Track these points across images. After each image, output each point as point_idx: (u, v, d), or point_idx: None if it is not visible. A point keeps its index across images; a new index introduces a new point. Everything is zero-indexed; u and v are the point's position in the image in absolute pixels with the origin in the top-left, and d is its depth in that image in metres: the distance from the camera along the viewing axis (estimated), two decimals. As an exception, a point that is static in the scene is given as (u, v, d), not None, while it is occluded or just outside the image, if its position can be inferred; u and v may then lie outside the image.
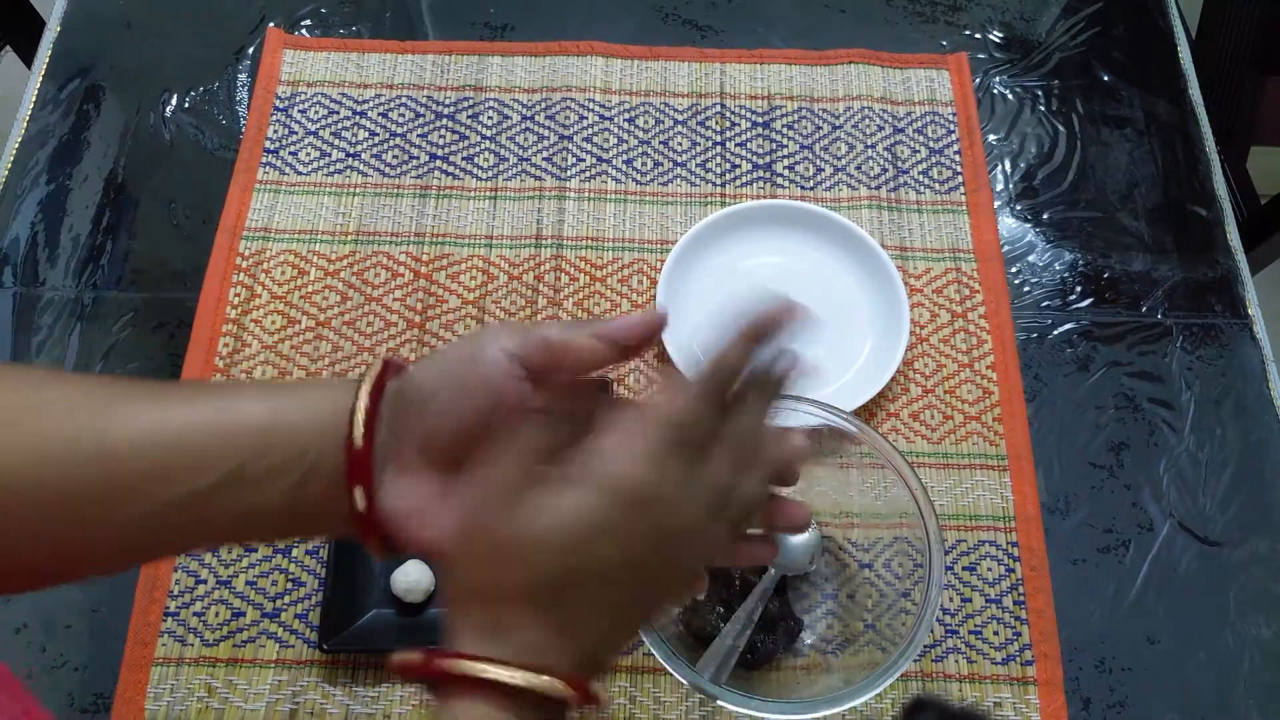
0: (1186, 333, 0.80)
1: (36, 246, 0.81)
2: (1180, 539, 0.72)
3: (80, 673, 0.66)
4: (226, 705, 0.65)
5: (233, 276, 0.79)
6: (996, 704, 0.66)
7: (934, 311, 0.79)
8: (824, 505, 0.70)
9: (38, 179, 0.83)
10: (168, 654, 0.66)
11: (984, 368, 0.77)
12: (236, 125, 0.86)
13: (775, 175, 0.85)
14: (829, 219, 0.80)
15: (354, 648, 0.65)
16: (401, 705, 0.65)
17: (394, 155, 0.85)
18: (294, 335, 0.77)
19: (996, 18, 0.95)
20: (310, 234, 0.81)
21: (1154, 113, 0.90)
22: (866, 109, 0.88)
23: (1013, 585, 0.70)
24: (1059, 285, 0.82)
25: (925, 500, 0.61)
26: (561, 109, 0.87)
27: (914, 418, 0.75)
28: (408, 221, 0.82)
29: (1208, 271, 0.83)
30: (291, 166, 0.84)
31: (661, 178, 0.85)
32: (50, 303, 0.78)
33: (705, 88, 0.89)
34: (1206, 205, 0.86)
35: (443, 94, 0.88)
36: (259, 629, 0.67)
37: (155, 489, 0.39)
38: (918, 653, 0.57)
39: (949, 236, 0.83)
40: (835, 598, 0.68)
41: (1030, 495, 0.73)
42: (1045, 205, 0.85)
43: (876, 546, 0.68)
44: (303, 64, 0.89)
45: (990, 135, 0.88)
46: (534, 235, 0.82)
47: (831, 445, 0.64)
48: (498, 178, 0.84)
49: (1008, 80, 0.91)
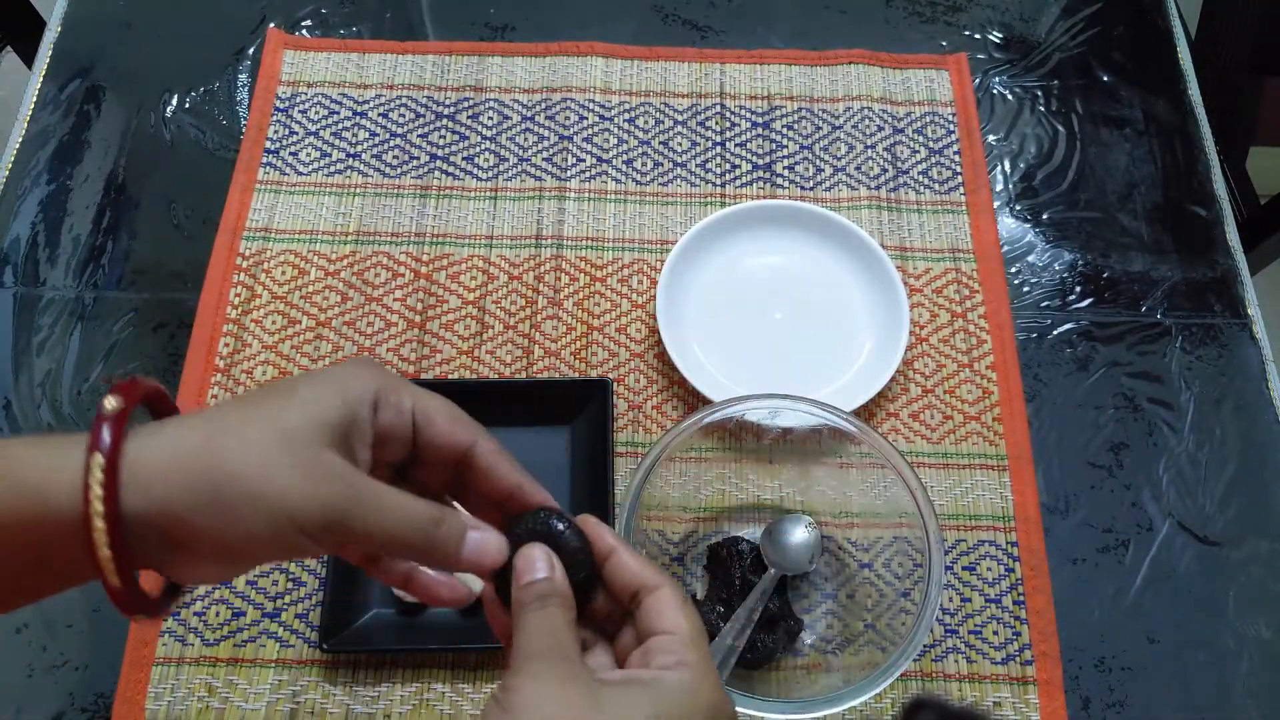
0: (1186, 333, 0.80)
1: (37, 246, 0.81)
2: (1180, 539, 0.72)
3: (81, 672, 0.66)
4: (227, 705, 0.65)
5: (233, 276, 0.79)
6: (996, 704, 0.66)
7: (934, 311, 0.79)
8: (824, 505, 0.70)
9: (38, 179, 0.84)
10: (168, 654, 0.66)
11: (984, 368, 0.77)
12: (237, 125, 0.86)
13: (775, 175, 0.85)
14: (829, 219, 0.80)
15: (354, 648, 0.65)
16: (401, 705, 0.65)
17: (394, 155, 0.85)
18: (294, 335, 0.77)
19: (996, 18, 0.95)
20: (310, 234, 0.81)
21: (1154, 113, 0.90)
22: (866, 109, 0.88)
23: (1012, 585, 0.70)
24: (1059, 285, 0.82)
25: (925, 500, 0.61)
26: (562, 109, 0.87)
27: (914, 418, 0.75)
28: (408, 221, 0.82)
29: (1207, 271, 0.83)
30: (292, 167, 0.84)
31: (661, 178, 0.85)
32: (51, 303, 0.78)
33: (705, 88, 0.89)
34: (1206, 205, 0.86)
35: (443, 94, 0.88)
36: (259, 629, 0.67)
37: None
38: (917, 652, 0.57)
39: (949, 236, 0.83)
40: (835, 598, 0.69)
41: (1030, 495, 0.73)
42: (1045, 205, 0.85)
43: (876, 546, 0.68)
44: (303, 64, 0.89)
45: (990, 135, 0.88)
46: (534, 235, 0.82)
47: (831, 445, 0.64)
48: (498, 178, 0.84)
49: (1007, 80, 0.91)
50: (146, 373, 0.76)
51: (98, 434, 0.34)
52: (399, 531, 0.38)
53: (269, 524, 0.35)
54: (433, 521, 0.39)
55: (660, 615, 0.40)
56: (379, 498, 0.37)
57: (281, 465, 0.35)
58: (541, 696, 0.36)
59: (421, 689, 0.66)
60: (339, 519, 0.36)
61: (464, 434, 0.41)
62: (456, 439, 0.41)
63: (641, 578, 0.41)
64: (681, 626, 0.39)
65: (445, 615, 0.67)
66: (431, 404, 0.41)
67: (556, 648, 0.38)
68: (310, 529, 0.36)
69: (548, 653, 0.37)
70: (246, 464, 0.35)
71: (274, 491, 0.35)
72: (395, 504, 0.38)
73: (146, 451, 0.35)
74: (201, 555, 0.36)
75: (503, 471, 0.42)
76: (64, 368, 0.76)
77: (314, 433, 0.36)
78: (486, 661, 0.67)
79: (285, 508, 0.35)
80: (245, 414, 0.36)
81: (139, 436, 0.35)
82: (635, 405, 0.75)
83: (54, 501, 0.34)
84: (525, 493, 0.43)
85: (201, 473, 0.35)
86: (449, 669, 0.66)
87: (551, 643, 0.38)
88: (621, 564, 0.41)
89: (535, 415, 0.73)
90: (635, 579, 0.41)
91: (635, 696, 0.37)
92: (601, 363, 0.77)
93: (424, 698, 0.65)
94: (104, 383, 0.75)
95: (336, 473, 0.37)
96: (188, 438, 0.36)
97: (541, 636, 0.38)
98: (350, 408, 0.38)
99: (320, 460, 0.36)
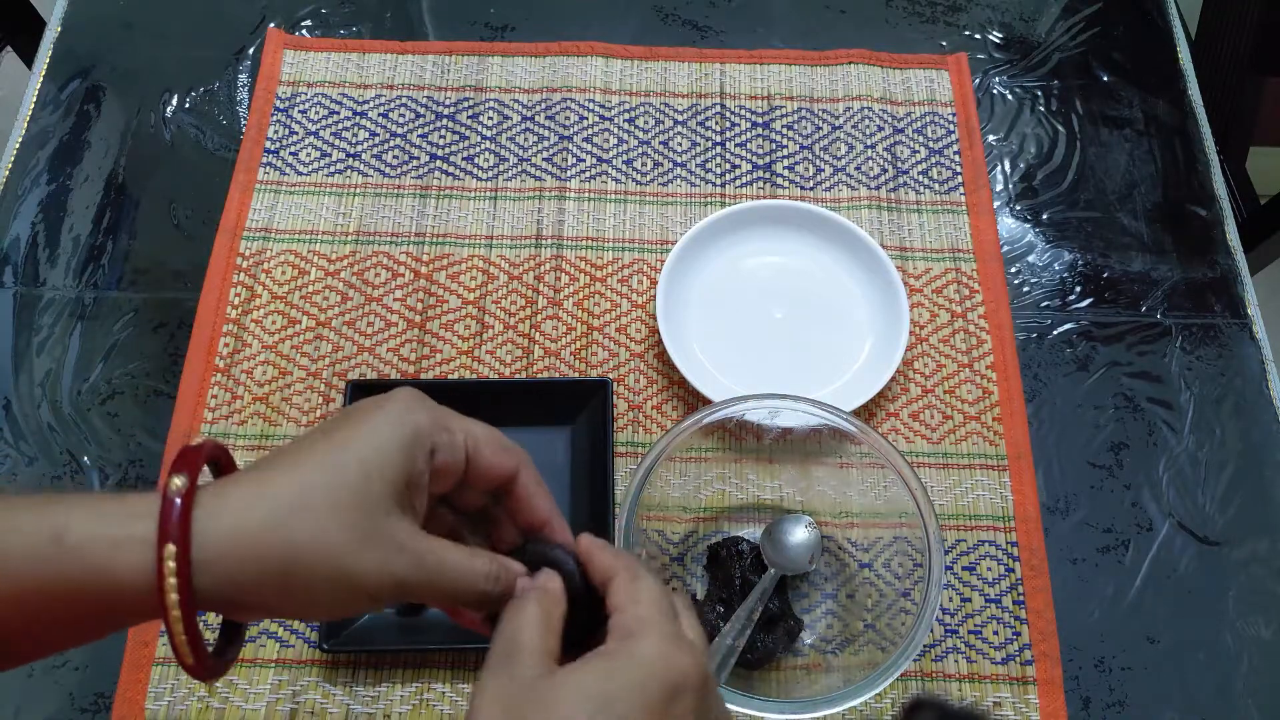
0: (1186, 333, 0.80)
1: (37, 246, 0.81)
2: (1180, 539, 0.72)
3: (81, 672, 0.66)
4: (227, 705, 0.65)
5: (233, 276, 0.79)
6: (996, 704, 0.66)
7: (934, 311, 0.79)
8: (824, 505, 0.70)
9: (38, 179, 0.84)
10: (168, 653, 0.66)
11: (984, 368, 0.77)
12: (237, 125, 0.86)
13: (775, 175, 0.85)
14: (829, 219, 0.80)
15: (354, 648, 0.65)
16: (401, 705, 0.65)
17: (394, 155, 0.85)
18: (294, 335, 0.77)
19: (996, 18, 0.95)
20: (311, 234, 0.81)
21: (1153, 113, 0.90)
22: (866, 109, 0.88)
23: (1012, 585, 0.70)
24: (1058, 285, 0.82)
25: (925, 500, 0.61)
26: (562, 109, 0.87)
27: (914, 418, 0.75)
28: (408, 222, 0.82)
29: (1207, 272, 0.83)
30: (292, 167, 0.84)
31: (661, 178, 0.85)
32: (51, 303, 0.78)
33: (705, 88, 0.89)
34: (1206, 205, 0.86)
35: (443, 94, 0.88)
36: (259, 628, 0.67)
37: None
38: (917, 652, 0.57)
39: (949, 236, 0.83)
40: (835, 597, 0.69)
41: (1030, 495, 0.73)
42: (1045, 205, 0.85)
43: (876, 546, 0.68)
44: (303, 64, 0.89)
45: (990, 135, 0.88)
46: (534, 235, 0.82)
47: (831, 445, 0.64)
48: (498, 178, 0.84)
49: (1007, 80, 0.91)
50: (146, 373, 0.76)
51: (168, 520, 0.35)
52: (460, 592, 0.39)
53: (341, 598, 0.37)
54: (489, 579, 0.40)
55: (613, 595, 0.40)
56: (441, 564, 0.39)
57: (351, 545, 0.36)
58: (489, 696, 0.36)
59: (421, 689, 0.66)
60: (407, 589, 0.38)
61: (509, 462, 0.42)
62: (504, 468, 0.42)
63: (607, 572, 0.41)
64: (638, 598, 0.39)
65: (445, 615, 0.67)
66: (479, 432, 0.42)
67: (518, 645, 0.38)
68: (381, 598, 0.38)
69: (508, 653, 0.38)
70: (316, 547, 0.36)
71: (346, 572, 0.36)
72: (457, 566, 0.39)
73: (213, 533, 0.35)
74: (270, 614, 0.39)
75: (538, 504, 0.43)
76: (64, 368, 0.76)
77: (378, 497, 0.37)
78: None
79: (358, 584, 0.37)
80: (307, 480, 0.37)
81: (204, 515, 0.35)
82: (635, 405, 0.75)
83: (125, 580, 0.34)
84: (552, 529, 0.44)
85: (271, 557, 0.36)
86: (449, 669, 0.66)
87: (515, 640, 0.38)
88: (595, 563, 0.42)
89: (535, 415, 0.73)
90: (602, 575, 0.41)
91: (582, 677, 0.36)
92: (601, 363, 0.77)
93: (424, 698, 0.65)
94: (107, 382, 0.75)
95: (402, 543, 0.37)
96: (252, 515, 0.36)
97: (504, 638, 0.38)
98: (410, 459, 0.38)
99: (387, 533, 0.37)
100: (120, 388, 0.75)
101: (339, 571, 0.36)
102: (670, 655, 0.37)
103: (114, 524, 0.35)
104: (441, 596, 0.39)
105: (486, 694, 0.36)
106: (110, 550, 0.34)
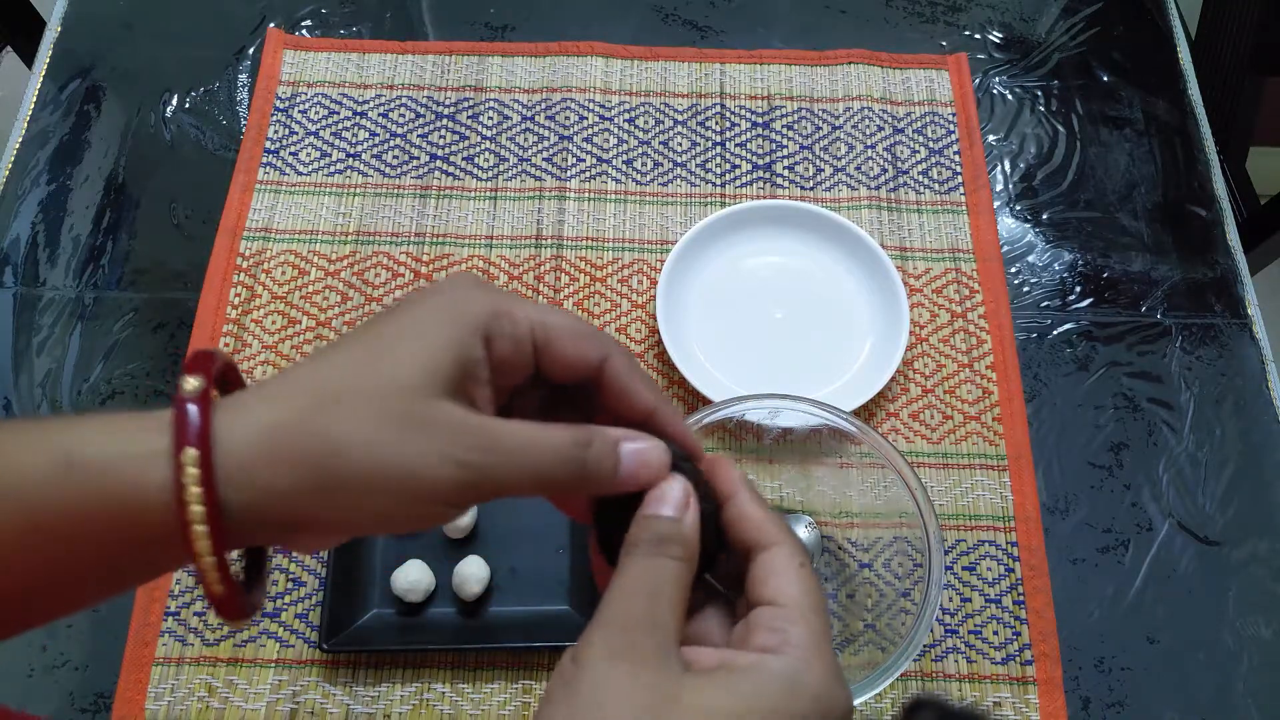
0: (1186, 333, 0.80)
1: (37, 246, 0.81)
2: (1179, 539, 0.72)
3: (81, 672, 0.66)
4: (227, 705, 0.65)
5: (233, 276, 0.79)
6: (996, 704, 0.66)
7: (934, 311, 0.79)
8: (824, 505, 0.70)
9: (38, 179, 0.84)
10: (168, 654, 0.66)
11: (984, 368, 0.77)
12: (237, 125, 0.86)
13: (775, 175, 0.85)
14: (829, 219, 0.80)
15: (354, 648, 0.65)
16: (401, 705, 0.65)
17: (394, 155, 0.85)
18: (294, 335, 0.77)
19: (996, 18, 0.95)
20: (311, 234, 0.81)
21: (1153, 113, 0.90)
22: (866, 109, 0.88)
23: (1012, 585, 0.70)
24: (1058, 285, 0.82)
25: (925, 500, 0.61)
26: (561, 109, 0.87)
27: (914, 418, 0.76)
28: (408, 222, 0.82)
29: (1207, 272, 0.83)
30: (292, 167, 0.84)
31: (661, 178, 0.85)
32: (51, 303, 0.78)
33: (705, 88, 0.89)
34: (1206, 205, 0.86)
35: (443, 94, 0.88)
36: (259, 629, 0.67)
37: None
38: (917, 652, 0.57)
39: (948, 236, 0.83)
40: (835, 598, 0.69)
41: (1030, 495, 0.73)
42: (1045, 205, 0.85)
43: (876, 546, 0.68)
44: (303, 64, 0.89)
45: (990, 135, 0.88)
46: (534, 235, 0.82)
47: (831, 445, 0.64)
48: (498, 178, 0.84)
49: (1007, 80, 0.91)
50: (146, 373, 0.76)
51: (183, 421, 0.30)
52: (546, 467, 0.33)
53: (393, 499, 0.31)
54: (579, 444, 0.33)
55: (766, 582, 0.34)
56: (514, 437, 0.32)
57: (396, 432, 0.31)
58: (609, 680, 0.30)
59: (421, 689, 0.66)
60: (477, 477, 0.32)
61: (593, 350, 0.36)
62: (586, 357, 0.36)
63: (758, 532, 0.35)
64: (791, 597, 0.33)
65: (445, 615, 0.67)
66: (552, 318, 0.35)
67: (647, 617, 0.32)
68: (449, 497, 0.32)
69: (635, 624, 0.32)
70: (356, 438, 0.31)
71: (394, 464, 0.31)
72: (533, 438, 0.33)
73: (238, 437, 0.30)
74: (324, 535, 0.33)
75: (636, 392, 0.36)
76: (64, 368, 0.76)
77: (425, 386, 0.31)
78: (486, 661, 0.67)
79: (412, 483, 0.31)
80: (340, 373, 0.32)
81: (226, 419, 0.31)
82: (635, 405, 0.75)
83: (145, 500, 0.30)
84: (660, 420, 0.37)
85: (305, 458, 0.30)
86: (449, 669, 0.66)
87: (644, 608, 0.32)
88: (739, 514, 0.36)
89: (535, 415, 0.73)
90: (751, 533, 0.35)
91: (721, 690, 0.31)
92: (601, 363, 0.77)
93: (424, 698, 0.65)
94: (106, 388, 0.75)
95: (459, 424, 0.32)
96: (280, 413, 0.31)
97: (636, 598, 0.32)
98: (461, 348, 0.33)
99: (437, 418, 0.31)
100: (120, 388, 0.75)
101: (386, 464, 0.31)
102: (835, 695, 0.32)
103: (129, 440, 0.31)
104: (523, 479, 0.32)
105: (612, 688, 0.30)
106: (125, 466, 0.30)
